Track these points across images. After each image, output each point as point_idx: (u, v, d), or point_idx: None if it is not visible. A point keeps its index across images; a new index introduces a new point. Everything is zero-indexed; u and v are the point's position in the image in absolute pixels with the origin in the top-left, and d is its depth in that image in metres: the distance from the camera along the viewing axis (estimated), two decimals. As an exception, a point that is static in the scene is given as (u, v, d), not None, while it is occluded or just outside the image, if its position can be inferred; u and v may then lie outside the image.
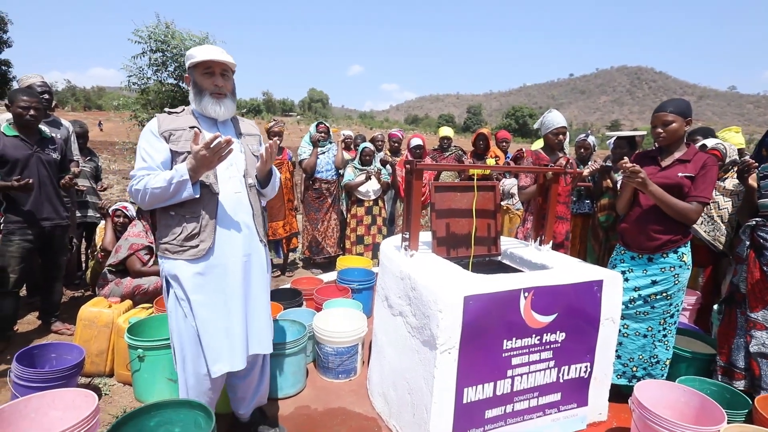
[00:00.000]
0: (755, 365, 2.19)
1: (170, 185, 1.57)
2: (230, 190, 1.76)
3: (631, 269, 2.26)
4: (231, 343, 1.73)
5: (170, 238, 1.69)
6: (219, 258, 1.71)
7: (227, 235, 1.73)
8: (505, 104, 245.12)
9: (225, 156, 1.60)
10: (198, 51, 1.73)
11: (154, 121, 1.74)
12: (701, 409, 1.93)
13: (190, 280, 1.67)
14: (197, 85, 1.74)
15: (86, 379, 2.53)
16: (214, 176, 1.70)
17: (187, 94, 5.39)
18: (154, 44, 5.01)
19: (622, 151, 3.60)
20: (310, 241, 4.82)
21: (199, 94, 1.74)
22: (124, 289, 2.95)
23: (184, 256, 1.67)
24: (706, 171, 2.07)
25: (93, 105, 63.46)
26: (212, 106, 1.73)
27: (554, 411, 2.10)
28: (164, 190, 1.59)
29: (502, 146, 5.54)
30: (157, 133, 1.69)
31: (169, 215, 1.70)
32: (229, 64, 1.76)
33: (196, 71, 1.73)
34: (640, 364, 2.32)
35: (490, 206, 2.61)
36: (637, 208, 2.24)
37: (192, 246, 1.67)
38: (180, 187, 1.59)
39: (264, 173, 1.87)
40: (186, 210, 1.68)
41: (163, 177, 1.59)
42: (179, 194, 1.60)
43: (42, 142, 2.89)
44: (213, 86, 1.72)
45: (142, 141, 1.71)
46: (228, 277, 1.73)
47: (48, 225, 2.88)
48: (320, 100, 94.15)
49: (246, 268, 1.78)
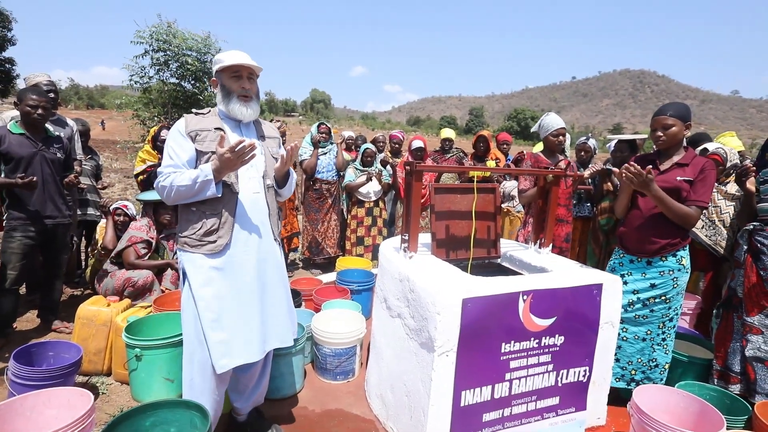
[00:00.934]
0: (750, 369, 2.18)
1: (195, 184, 1.66)
2: (249, 190, 1.83)
3: (629, 272, 2.25)
4: (246, 337, 1.79)
5: (190, 233, 1.76)
6: (235, 254, 1.78)
7: (244, 232, 1.80)
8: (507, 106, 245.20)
9: (248, 160, 1.67)
10: (226, 56, 1.82)
11: (182, 121, 1.81)
12: (700, 414, 1.92)
13: (205, 273, 1.74)
14: (225, 87, 1.82)
15: (84, 377, 2.52)
16: (235, 176, 1.79)
17: (189, 94, 5.46)
18: (156, 44, 5.03)
19: (622, 155, 3.59)
20: (310, 241, 4.82)
21: (227, 96, 1.82)
22: (116, 282, 2.97)
23: (202, 251, 1.74)
24: (705, 175, 2.06)
25: (96, 103, 63.66)
26: (239, 108, 1.82)
27: (552, 415, 2.09)
28: (189, 188, 1.68)
29: (503, 148, 5.54)
30: (184, 132, 1.77)
31: (190, 211, 1.78)
32: (255, 68, 1.85)
33: (224, 75, 1.82)
34: (639, 367, 2.31)
35: (490, 208, 2.61)
36: (635, 212, 2.24)
37: (210, 241, 1.74)
38: (204, 186, 1.67)
39: (282, 174, 1.96)
40: (207, 207, 1.75)
41: (188, 176, 1.68)
42: (203, 192, 1.69)
43: (47, 140, 2.91)
44: (240, 89, 1.81)
45: (169, 140, 1.80)
46: (243, 273, 1.80)
47: (50, 223, 2.89)
48: (322, 101, 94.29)
49: (261, 266, 1.85)
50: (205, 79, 5.37)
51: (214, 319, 1.73)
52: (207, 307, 1.73)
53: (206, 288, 1.73)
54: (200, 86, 5.36)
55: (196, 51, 5.18)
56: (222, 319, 1.74)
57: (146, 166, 3.74)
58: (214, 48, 5.27)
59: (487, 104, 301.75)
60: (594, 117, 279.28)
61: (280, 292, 1.94)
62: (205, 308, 1.72)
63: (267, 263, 1.88)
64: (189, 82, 5.33)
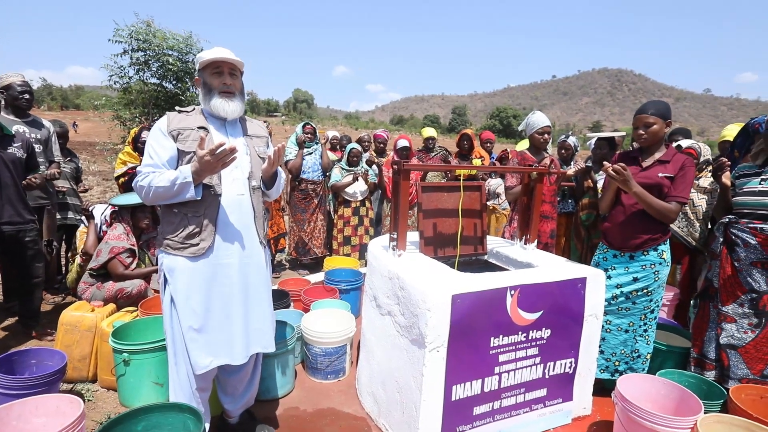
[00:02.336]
0: (725, 356, 2.28)
1: (173, 185, 1.62)
2: (233, 192, 1.79)
3: (613, 267, 2.32)
4: (228, 339, 1.78)
5: (172, 235, 1.73)
6: (218, 257, 1.75)
7: (227, 235, 1.77)
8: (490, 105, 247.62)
9: (229, 163, 1.63)
10: (207, 52, 1.79)
11: (164, 120, 1.77)
12: (680, 400, 2.00)
13: (187, 276, 1.71)
14: (207, 84, 1.78)
15: (68, 385, 2.47)
16: (218, 178, 1.74)
17: (171, 95, 5.37)
18: (136, 43, 4.92)
19: (602, 152, 3.69)
20: (297, 242, 4.80)
21: (208, 93, 1.78)
22: (107, 293, 2.89)
23: (184, 253, 1.71)
24: (685, 172, 2.14)
25: (71, 104, 61.69)
26: (222, 105, 1.77)
27: (540, 406, 2.15)
28: (167, 190, 1.63)
29: (487, 147, 5.61)
30: (165, 131, 1.73)
31: (172, 212, 1.75)
32: (237, 64, 1.81)
33: (205, 72, 1.79)
34: (622, 358, 2.38)
35: (476, 206, 2.65)
36: (619, 208, 2.31)
37: (192, 244, 1.71)
38: (183, 189, 1.63)
39: (269, 175, 1.91)
40: (189, 209, 1.72)
41: (167, 177, 1.64)
42: (182, 195, 1.65)
43: (3, 139, 2.71)
44: (221, 84, 1.77)
45: (150, 138, 1.75)
46: (226, 276, 1.77)
47: (10, 230, 2.69)
48: (305, 101, 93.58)
49: (245, 269, 1.82)
50: (187, 80, 5.28)
51: (195, 321, 1.71)
52: (188, 309, 1.71)
53: (187, 291, 1.71)
54: (182, 86, 5.27)
55: (177, 51, 5.08)
56: (203, 322, 1.72)
57: (127, 168, 3.67)
58: (196, 48, 5.18)
59: (470, 103, 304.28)
60: (574, 115, 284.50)
61: (262, 297, 1.90)
62: (185, 311, 1.71)
63: (250, 267, 1.84)
64: (170, 83, 5.23)
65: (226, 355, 1.77)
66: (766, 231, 2.14)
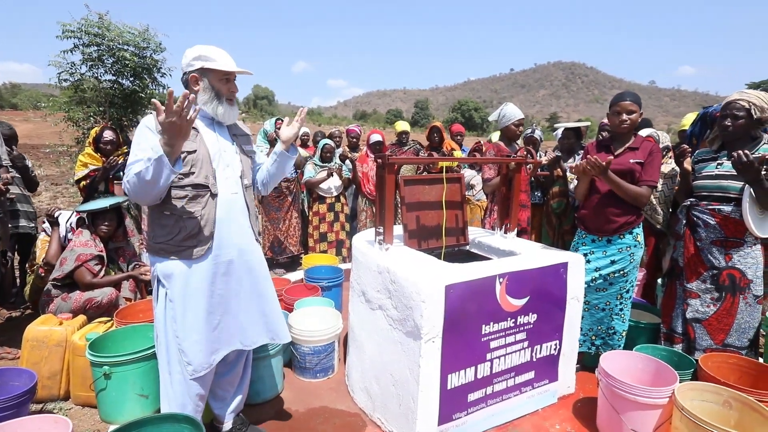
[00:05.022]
0: (691, 329, 2.44)
1: (149, 163, 1.46)
2: (227, 191, 1.78)
3: (592, 251, 2.44)
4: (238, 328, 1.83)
5: (167, 238, 1.68)
6: (217, 257, 1.74)
7: (225, 234, 1.76)
8: (451, 98, 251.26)
9: (195, 116, 1.51)
10: (217, 56, 1.75)
11: (151, 117, 1.70)
12: (656, 372, 2.13)
13: (187, 279, 1.69)
14: (214, 89, 1.77)
15: (38, 405, 2.31)
16: (213, 177, 1.73)
17: (129, 92, 5.07)
18: (87, 38, 4.60)
19: (569, 141, 3.85)
20: (272, 241, 4.70)
21: (216, 98, 1.78)
22: (74, 304, 2.71)
23: (182, 256, 1.68)
24: (653, 157, 2.28)
25: (6, 104, 56.89)
26: (229, 111, 1.81)
27: (529, 388, 2.23)
28: (145, 172, 1.48)
29: (457, 139, 5.71)
30: (153, 128, 1.66)
31: (164, 215, 1.69)
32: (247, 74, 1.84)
33: (212, 75, 1.75)
34: (599, 334, 2.53)
35: (457, 198, 2.70)
36: (595, 195, 2.42)
37: (191, 246, 1.68)
38: (160, 167, 1.47)
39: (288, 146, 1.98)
40: (184, 210, 1.68)
41: (143, 163, 1.50)
42: (161, 174, 1.49)
43: None
44: (229, 92, 1.80)
45: (137, 136, 1.70)
46: (226, 275, 1.77)
47: None
48: (266, 97, 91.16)
49: (246, 265, 1.83)
50: (145, 76, 5.00)
51: (197, 323, 1.70)
52: (189, 312, 1.69)
53: (187, 294, 1.69)
54: (141, 83, 4.99)
55: (133, 45, 4.80)
56: (205, 322, 1.72)
57: (89, 171, 3.45)
58: (154, 42, 4.91)
59: (432, 96, 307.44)
60: (532, 107, 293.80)
61: (269, 290, 1.94)
62: (186, 314, 1.68)
63: (251, 263, 1.87)
64: (128, 79, 4.94)
65: (230, 343, 1.82)
66: (723, 212, 2.31)
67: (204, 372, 1.74)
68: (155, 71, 5.10)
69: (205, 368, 1.73)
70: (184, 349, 1.70)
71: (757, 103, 2.16)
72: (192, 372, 1.71)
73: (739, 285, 2.26)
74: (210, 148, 1.76)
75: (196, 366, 1.71)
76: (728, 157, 2.25)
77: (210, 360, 1.75)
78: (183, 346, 1.70)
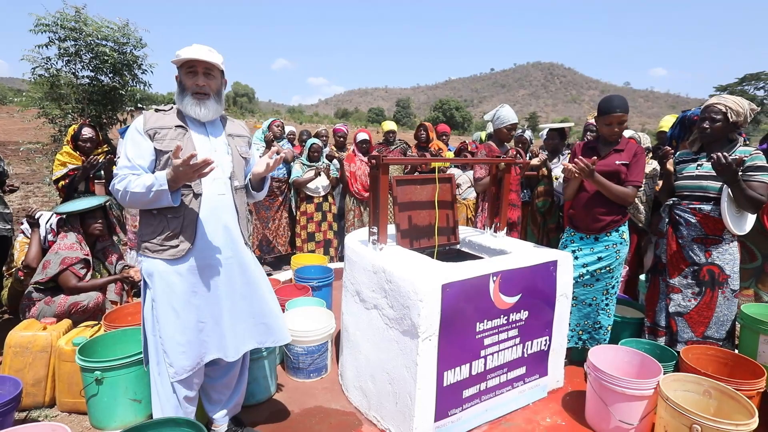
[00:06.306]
0: (673, 323, 2.55)
1: (149, 192, 1.58)
2: (214, 192, 1.74)
3: (580, 248, 2.52)
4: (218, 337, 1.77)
5: (151, 237, 1.67)
6: (199, 259, 1.71)
7: (209, 236, 1.73)
8: (432, 97, 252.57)
9: (207, 173, 1.56)
10: (183, 50, 1.71)
11: (141, 119, 1.69)
12: (641, 365, 2.22)
13: (167, 279, 1.67)
14: (181, 84, 1.72)
15: (22, 413, 2.24)
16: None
17: (108, 89, 4.92)
18: (64, 32, 4.44)
19: (554, 142, 3.94)
20: (261, 240, 4.66)
21: (181, 93, 1.71)
22: (58, 308, 2.63)
23: (163, 256, 1.66)
24: (638, 159, 2.36)
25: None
26: (192, 107, 1.71)
27: (521, 384, 2.29)
28: (143, 196, 1.58)
29: (443, 139, 5.76)
30: (142, 130, 1.66)
31: (151, 214, 1.68)
32: (214, 63, 1.71)
33: (181, 70, 1.72)
34: (585, 328, 2.61)
35: (447, 197, 2.73)
36: (583, 194, 2.50)
37: (172, 246, 1.66)
38: (159, 196, 1.58)
39: (259, 179, 1.90)
40: (168, 210, 1.66)
41: (143, 182, 1.57)
42: (159, 202, 1.60)
43: None
44: (194, 86, 1.70)
45: (126, 139, 1.68)
46: (209, 278, 1.74)
47: None
48: (246, 95, 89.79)
49: (229, 270, 1.79)
50: (125, 72, 4.86)
51: (176, 325, 1.67)
52: (168, 314, 1.66)
53: (167, 295, 1.67)
54: (121, 80, 4.84)
55: (112, 41, 4.66)
56: (184, 325, 1.69)
57: (68, 170, 3.35)
58: (134, 38, 4.78)
59: (413, 95, 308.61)
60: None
61: (260, 294, 1.89)
62: (166, 315, 1.66)
63: (235, 267, 1.81)
64: (107, 75, 4.79)
65: (217, 350, 1.77)
66: (703, 210, 2.41)
67: (186, 375, 1.69)
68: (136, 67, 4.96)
69: (186, 371, 1.69)
70: (167, 350, 1.68)
71: (733, 107, 2.27)
72: (173, 374, 1.68)
73: (718, 280, 2.37)
74: (199, 147, 1.72)
75: (178, 369, 1.67)
76: (708, 158, 2.36)
77: (192, 363, 1.70)
78: (165, 347, 1.68)
